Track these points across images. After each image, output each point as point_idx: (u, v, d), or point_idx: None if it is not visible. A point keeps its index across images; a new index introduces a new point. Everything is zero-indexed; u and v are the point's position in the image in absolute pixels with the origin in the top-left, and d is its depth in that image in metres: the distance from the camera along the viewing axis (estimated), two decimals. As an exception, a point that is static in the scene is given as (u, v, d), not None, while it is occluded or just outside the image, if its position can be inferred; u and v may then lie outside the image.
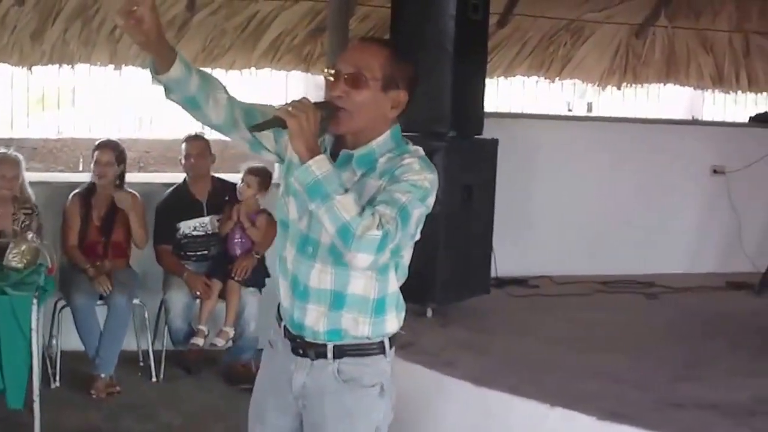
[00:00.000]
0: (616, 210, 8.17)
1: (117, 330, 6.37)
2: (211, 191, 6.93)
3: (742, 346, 6.20)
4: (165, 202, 6.93)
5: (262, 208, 6.77)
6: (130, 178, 7.03)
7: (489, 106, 6.68)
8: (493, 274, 6.87)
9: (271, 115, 2.91)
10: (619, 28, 9.33)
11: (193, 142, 6.90)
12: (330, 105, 2.96)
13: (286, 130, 2.87)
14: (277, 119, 2.86)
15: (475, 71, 6.35)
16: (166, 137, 12.13)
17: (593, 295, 7.46)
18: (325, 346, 3.08)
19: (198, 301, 6.69)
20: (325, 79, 3.03)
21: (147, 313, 6.72)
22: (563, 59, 9.33)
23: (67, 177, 8.51)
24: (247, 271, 6.64)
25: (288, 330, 3.16)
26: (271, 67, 8.42)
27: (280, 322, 3.22)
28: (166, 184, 7.13)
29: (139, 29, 2.73)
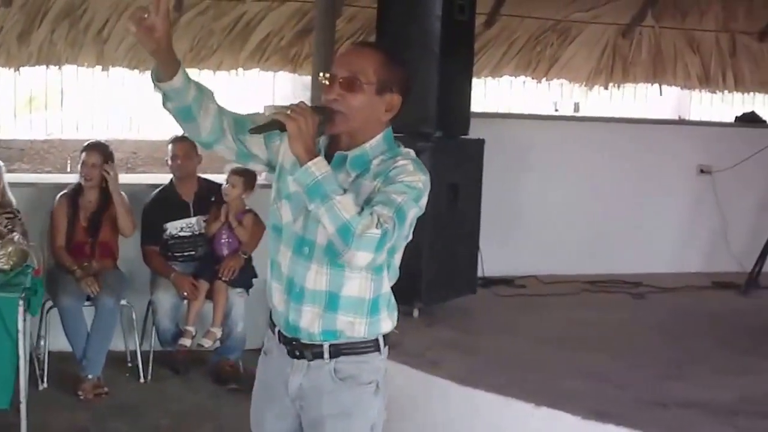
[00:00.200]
0: (602, 210, 8.20)
1: (104, 331, 6.35)
2: (198, 192, 6.93)
3: (728, 346, 6.23)
4: (152, 203, 6.92)
5: (248, 208, 6.77)
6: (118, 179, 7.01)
7: (476, 106, 6.70)
8: (479, 273, 6.91)
9: (268, 119, 2.96)
10: (606, 29, 9.35)
11: (180, 143, 6.89)
12: (326, 108, 3.00)
13: (283, 133, 2.91)
14: (276, 122, 2.90)
15: (461, 72, 6.37)
16: (154, 138, 12.13)
17: (580, 295, 7.50)
18: (321, 346, 3.10)
19: (185, 301, 6.69)
20: (320, 82, 3.07)
21: (134, 313, 6.70)
22: (550, 59, 9.35)
23: (55, 178, 8.51)
24: (234, 271, 6.64)
25: (283, 335, 3.18)
26: (258, 68, 8.42)
27: (273, 329, 3.23)
28: (153, 185, 7.11)
29: (151, 37, 2.80)
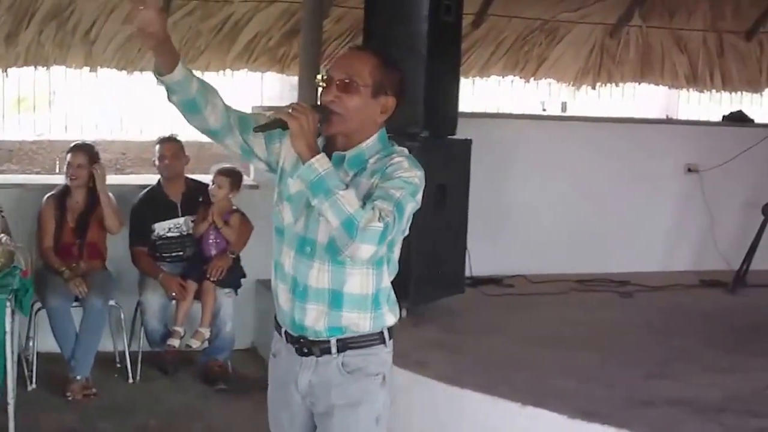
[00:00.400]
0: (590, 209, 8.20)
1: (93, 332, 6.35)
2: (186, 192, 6.93)
3: (716, 344, 6.25)
4: (139, 203, 6.92)
5: (235, 208, 6.78)
6: (106, 180, 7.00)
7: (464, 106, 6.70)
8: (467, 273, 6.90)
9: (270, 118, 3.06)
10: (593, 28, 9.38)
11: (167, 143, 6.91)
12: (325, 108, 3.10)
13: (283, 136, 3.09)
14: (278, 120, 3.00)
15: (448, 72, 6.37)
16: (143, 139, 12.13)
17: (568, 294, 7.50)
18: (329, 341, 3.20)
19: (174, 302, 6.70)
20: (318, 84, 3.17)
21: (123, 314, 6.69)
22: (538, 59, 9.39)
23: (43, 179, 8.50)
24: (222, 271, 6.64)
25: (289, 334, 3.27)
26: (246, 69, 8.43)
27: (279, 330, 3.33)
28: (142, 186, 7.11)
29: (148, 32, 2.90)
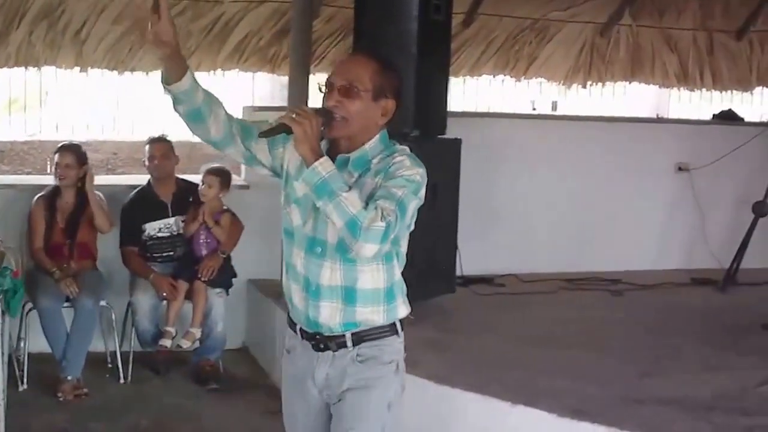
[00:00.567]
0: (581, 208, 8.22)
1: (84, 332, 6.35)
2: (176, 192, 6.93)
3: (707, 342, 6.28)
4: (130, 203, 6.92)
5: (226, 208, 6.79)
6: (97, 180, 6.97)
7: (455, 106, 6.71)
8: (458, 272, 6.92)
9: (274, 124, 3.16)
10: (583, 27, 9.38)
11: (157, 143, 6.91)
12: (328, 112, 3.20)
13: (286, 140, 3.22)
14: (282, 126, 3.10)
15: (438, 71, 6.39)
16: (134, 139, 12.11)
17: (559, 293, 7.53)
18: (344, 336, 3.32)
19: (165, 302, 6.70)
20: (319, 89, 3.29)
21: (114, 314, 6.69)
22: (528, 58, 9.37)
23: (34, 180, 8.47)
24: (213, 271, 6.64)
25: (305, 331, 3.39)
26: (237, 69, 8.41)
27: (294, 327, 3.44)
28: (132, 186, 7.11)
29: (161, 42, 3.04)
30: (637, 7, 9.35)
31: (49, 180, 6.84)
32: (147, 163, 6.93)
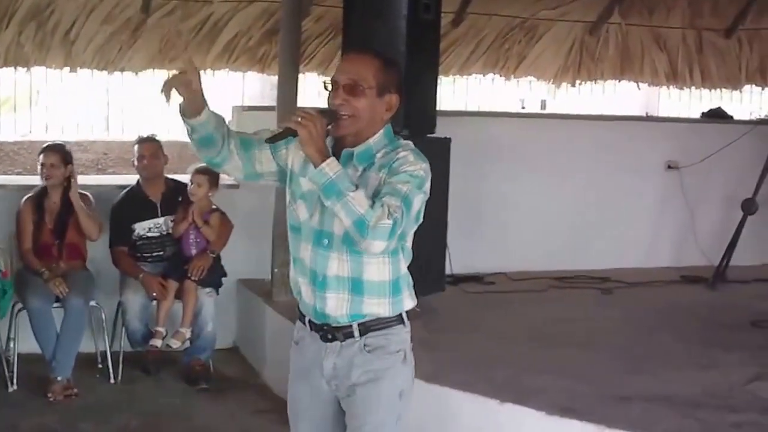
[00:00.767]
0: (571, 206, 8.25)
1: (74, 332, 6.34)
2: (165, 192, 6.93)
3: (696, 340, 6.29)
4: (119, 203, 6.92)
5: (215, 207, 6.78)
6: (86, 180, 7.01)
7: (444, 105, 6.71)
8: (448, 271, 6.92)
9: (278, 129, 3.25)
10: (573, 26, 9.38)
11: (146, 143, 6.91)
12: (333, 112, 3.28)
13: (289, 140, 3.28)
14: (288, 130, 3.18)
15: (427, 70, 6.39)
16: (124, 139, 12.09)
17: (549, 291, 7.55)
18: (351, 326, 3.38)
19: (155, 302, 6.69)
20: (325, 88, 3.36)
21: (104, 314, 6.67)
22: (518, 57, 9.37)
23: (24, 180, 8.46)
24: (203, 270, 6.64)
25: (313, 322, 3.46)
26: (227, 68, 8.40)
27: (303, 319, 3.52)
28: (122, 186, 7.11)
29: (190, 90, 3.17)
30: (626, 6, 9.37)
31: (37, 180, 6.82)
32: (136, 162, 6.93)
